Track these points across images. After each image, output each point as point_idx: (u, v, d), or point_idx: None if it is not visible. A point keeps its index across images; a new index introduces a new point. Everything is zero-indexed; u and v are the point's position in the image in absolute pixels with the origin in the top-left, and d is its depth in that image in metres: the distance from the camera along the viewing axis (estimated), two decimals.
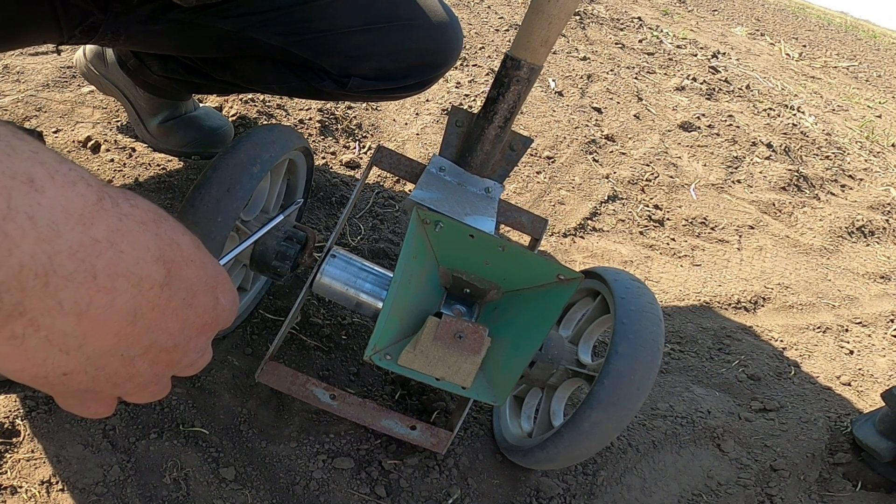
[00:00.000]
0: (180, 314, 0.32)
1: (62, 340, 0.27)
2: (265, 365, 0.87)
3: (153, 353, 0.32)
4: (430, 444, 0.88)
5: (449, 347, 0.75)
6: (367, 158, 1.64)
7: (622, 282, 0.91)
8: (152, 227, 0.30)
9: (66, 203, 0.26)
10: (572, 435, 0.83)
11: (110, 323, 0.29)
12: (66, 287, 0.26)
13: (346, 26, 0.95)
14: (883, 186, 2.57)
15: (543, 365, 0.92)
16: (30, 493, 0.78)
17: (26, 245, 0.24)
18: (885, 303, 1.80)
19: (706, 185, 2.10)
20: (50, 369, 0.28)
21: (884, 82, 5.25)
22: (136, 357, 0.31)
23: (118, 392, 0.33)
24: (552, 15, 0.77)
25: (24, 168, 0.25)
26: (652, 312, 0.87)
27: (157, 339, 0.32)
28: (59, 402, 0.34)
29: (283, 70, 1.03)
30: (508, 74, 0.81)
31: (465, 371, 0.77)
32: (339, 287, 0.87)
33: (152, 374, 0.34)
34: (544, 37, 0.78)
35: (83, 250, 0.26)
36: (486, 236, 0.79)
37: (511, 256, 0.80)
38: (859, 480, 1.15)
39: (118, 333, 0.29)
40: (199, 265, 0.34)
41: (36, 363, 0.28)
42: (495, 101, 0.82)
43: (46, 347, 0.27)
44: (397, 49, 0.98)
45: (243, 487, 0.86)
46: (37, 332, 0.27)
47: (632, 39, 3.36)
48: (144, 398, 0.36)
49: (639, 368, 0.82)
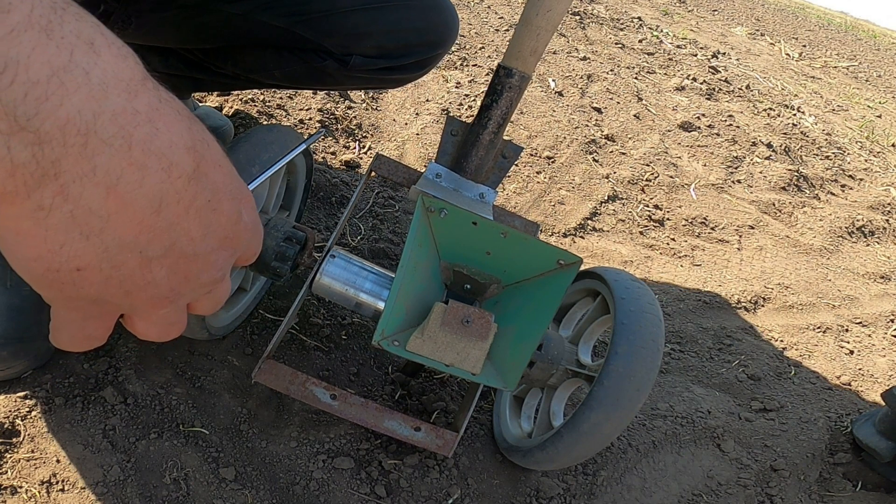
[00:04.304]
0: (203, 217, 0.32)
1: (86, 219, 0.27)
2: (263, 364, 0.84)
3: (172, 258, 0.31)
4: (437, 447, 0.85)
5: (457, 333, 0.76)
6: (367, 158, 1.64)
7: (622, 282, 0.92)
8: (186, 120, 0.30)
9: (117, 70, 0.27)
10: (572, 435, 0.83)
11: (135, 206, 0.28)
12: (102, 152, 0.26)
13: (347, 6, 0.99)
14: (883, 186, 2.57)
15: (543, 365, 0.92)
16: (30, 493, 0.78)
17: (77, 98, 0.25)
18: (885, 303, 1.80)
19: (706, 185, 2.10)
20: (65, 259, 0.28)
21: (884, 82, 5.25)
22: (155, 259, 0.30)
23: (129, 303, 0.32)
24: (540, 27, 0.83)
25: (88, 32, 0.26)
26: (652, 313, 0.87)
27: (179, 240, 0.31)
28: (59, 318, 0.33)
29: (284, 55, 1.06)
30: (501, 82, 0.85)
31: (473, 357, 0.77)
32: (338, 287, 0.87)
33: (168, 288, 0.32)
34: (533, 47, 0.84)
35: (124, 117, 0.27)
36: (489, 222, 0.81)
37: (513, 242, 0.82)
38: (859, 480, 1.15)
39: (141, 222, 0.29)
40: (227, 172, 0.33)
41: (53, 248, 0.27)
42: (489, 108, 0.86)
43: (68, 227, 0.27)
44: (396, 28, 1.02)
45: (243, 487, 0.86)
46: (64, 204, 0.26)
47: (632, 39, 3.36)
48: (153, 325, 0.34)
49: (638, 369, 0.82)
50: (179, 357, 0.98)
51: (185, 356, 0.99)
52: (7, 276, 0.91)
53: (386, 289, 0.86)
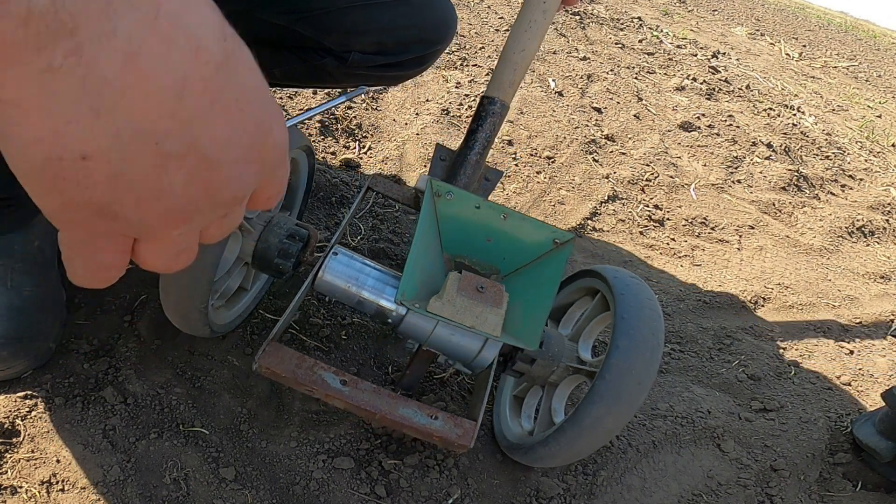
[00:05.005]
0: (230, 117, 0.28)
1: (98, 90, 0.24)
2: (267, 346, 0.78)
3: (192, 161, 0.28)
4: (456, 436, 0.80)
5: (473, 298, 0.80)
6: (367, 158, 1.64)
7: (621, 278, 0.93)
8: (219, 13, 0.28)
9: None
10: (575, 430, 0.83)
11: (155, 84, 0.25)
12: (126, 15, 0.24)
13: (345, 4, 0.99)
14: (883, 186, 2.57)
15: (544, 362, 0.92)
16: (30, 493, 0.78)
17: None
18: (885, 303, 1.80)
19: (706, 185, 2.10)
20: (70, 141, 0.25)
21: (884, 82, 5.25)
22: (172, 158, 0.27)
23: (139, 219, 0.29)
24: (517, 63, 0.97)
25: None
26: (651, 308, 0.88)
27: (200, 138, 0.27)
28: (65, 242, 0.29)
29: (283, 53, 1.06)
30: (485, 110, 0.97)
31: (492, 322, 0.80)
32: (340, 284, 0.88)
33: (185, 200, 0.29)
34: (511, 79, 0.97)
35: None
36: (490, 204, 0.89)
37: (512, 224, 0.90)
38: (859, 480, 1.15)
39: (159, 106, 0.26)
40: (259, 78, 0.30)
41: (58, 126, 0.24)
42: (475, 132, 0.97)
43: (77, 97, 0.24)
44: (395, 25, 1.03)
45: (243, 487, 0.86)
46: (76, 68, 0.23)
47: (632, 39, 3.36)
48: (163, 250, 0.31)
49: (640, 363, 0.83)
50: (179, 357, 0.98)
51: (185, 356, 0.99)
52: (7, 277, 0.91)
53: (388, 286, 0.87)
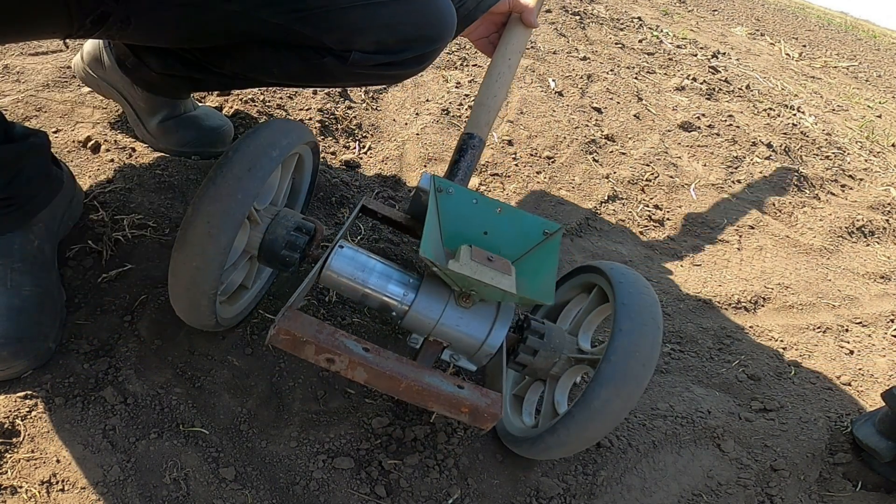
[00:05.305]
0: None
1: None
2: (287, 311, 0.77)
3: None
4: (484, 405, 0.79)
5: (485, 265, 0.86)
6: (367, 158, 1.64)
7: (618, 269, 0.96)
8: None
9: None
10: (583, 414, 0.83)
11: None
12: None
13: (345, 3, 1.00)
14: (883, 186, 2.57)
15: (546, 353, 0.93)
16: (30, 493, 0.78)
17: None
18: (885, 303, 1.80)
19: (706, 185, 2.10)
20: None
21: (884, 82, 5.25)
22: None
23: None
24: (490, 106, 1.16)
25: None
26: (649, 295, 0.91)
27: None
28: None
29: (283, 53, 1.06)
30: (466, 144, 1.13)
31: (506, 283, 0.85)
32: (346, 278, 0.88)
33: None
34: (487, 120, 1.15)
35: None
36: (487, 199, 0.99)
37: (506, 217, 0.99)
38: (859, 480, 1.15)
39: None
40: None
41: None
42: (458, 162, 1.12)
43: None
44: (395, 23, 1.04)
45: (243, 487, 0.86)
46: None
47: (632, 39, 3.36)
48: None
49: (643, 344, 0.84)
50: (179, 357, 0.98)
51: (185, 356, 0.99)
52: (7, 277, 0.91)
53: (392, 280, 0.89)
